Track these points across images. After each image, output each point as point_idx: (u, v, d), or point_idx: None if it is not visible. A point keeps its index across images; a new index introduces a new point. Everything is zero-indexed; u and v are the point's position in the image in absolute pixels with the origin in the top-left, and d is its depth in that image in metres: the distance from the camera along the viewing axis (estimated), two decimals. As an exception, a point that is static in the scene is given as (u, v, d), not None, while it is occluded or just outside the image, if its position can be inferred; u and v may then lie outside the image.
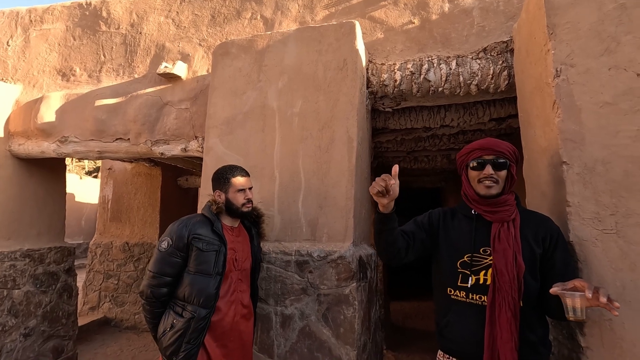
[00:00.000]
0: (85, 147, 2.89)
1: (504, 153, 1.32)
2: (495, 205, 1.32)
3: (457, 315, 1.30)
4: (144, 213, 5.19)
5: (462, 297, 1.30)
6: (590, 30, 1.48)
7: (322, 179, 1.99)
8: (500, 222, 1.29)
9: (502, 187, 1.33)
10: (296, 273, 1.90)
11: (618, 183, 1.38)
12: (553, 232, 1.30)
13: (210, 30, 2.83)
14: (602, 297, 1.02)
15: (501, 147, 1.33)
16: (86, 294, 5.19)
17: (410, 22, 2.46)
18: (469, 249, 1.32)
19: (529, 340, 1.22)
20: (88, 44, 3.10)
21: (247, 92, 2.23)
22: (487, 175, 1.31)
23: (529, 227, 1.30)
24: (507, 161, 1.33)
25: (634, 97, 1.40)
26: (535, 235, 1.29)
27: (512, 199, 1.33)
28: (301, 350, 1.83)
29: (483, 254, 1.30)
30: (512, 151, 1.35)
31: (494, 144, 1.34)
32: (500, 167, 1.32)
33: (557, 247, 1.27)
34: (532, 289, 1.25)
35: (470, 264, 1.31)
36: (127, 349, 4.25)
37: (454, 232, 1.39)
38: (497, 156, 1.32)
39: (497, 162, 1.32)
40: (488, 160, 1.33)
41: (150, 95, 2.78)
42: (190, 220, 1.70)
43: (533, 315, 1.26)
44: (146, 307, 1.64)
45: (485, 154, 1.34)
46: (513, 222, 1.29)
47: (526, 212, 1.36)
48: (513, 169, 1.34)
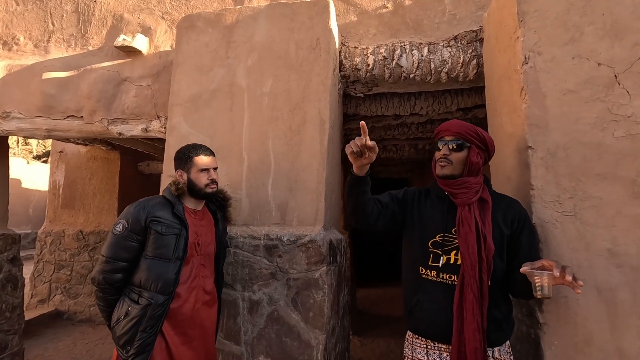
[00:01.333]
0: (31, 124, 2.63)
1: (461, 134, 1.32)
2: (453, 186, 1.32)
3: (428, 294, 1.31)
4: (101, 199, 4.87)
5: (433, 276, 1.31)
6: (557, 19, 1.53)
7: (292, 162, 1.94)
8: (462, 205, 1.30)
9: (457, 168, 1.32)
10: (265, 257, 1.85)
11: (577, 168, 1.44)
12: (521, 215, 1.33)
13: (174, 3, 2.65)
14: (567, 276, 1.07)
15: (460, 128, 1.32)
16: (34, 286, 4.82)
17: (383, 6, 2.43)
18: (440, 229, 1.33)
19: (494, 317, 1.26)
20: (34, 10, 2.80)
21: (214, 69, 2.11)
22: (441, 155, 1.34)
23: (499, 209, 1.32)
24: (464, 143, 1.32)
25: (594, 86, 1.46)
26: (504, 217, 1.31)
27: (472, 181, 1.32)
28: (269, 336, 1.79)
29: (454, 234, 1.31)
30: (473, 133, 1.32)
31: (453, 125, 1.34)
32: (456, 149, 1.32)
33: (524, 230, 1.31)
34: (498, 269, 1.28)
35: (441, 243, 1.32)
36: (81, 342, 4.00)
37: (426, 212, 1.40)
38: (455, 137, 1.33)
39: (452, 143, 1.32)
40: (447, 140, 1.34)
41: (106, 69, 2.57)
42: (149, 202, 1.59)
43: (499, 293, 1.30)
44: (99, 295, 1.53)
45: (445, 134, 1.35)
46: (482, 204, 1.30)
47: (496, 196, 1.39)
48: (474, 152, 1.32)
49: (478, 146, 1.33)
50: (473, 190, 1.31)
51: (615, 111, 1.43)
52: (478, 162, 1.32)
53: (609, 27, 1.46)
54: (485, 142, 1.34)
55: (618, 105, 1.43)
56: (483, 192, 1.33)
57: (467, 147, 1.32)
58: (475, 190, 1.31)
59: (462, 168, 1.32)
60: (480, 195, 1.31)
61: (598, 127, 1.44)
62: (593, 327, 1.36)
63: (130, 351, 1.45)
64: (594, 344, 1.35)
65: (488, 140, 1.36)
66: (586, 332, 1.36)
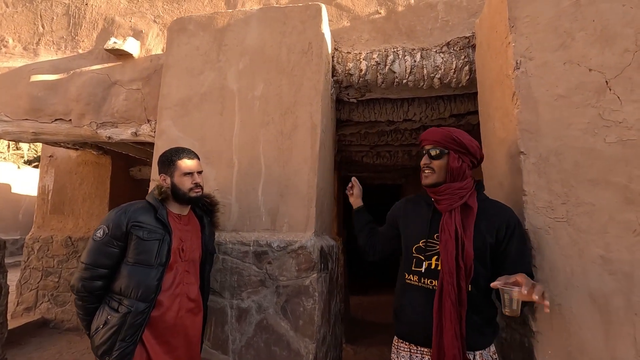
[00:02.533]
0: (18, 127, 2.58)
1: (438, 142, 1.34)
2: (436, 193, 1.34)
3: (409, 299, 1.33)
4: (91, 205, 4.78)
5: (415, 281, 1.33)
6: (548, 25, 1.53)
7: (283, 166, 1.91)
8: (444, 210, 1.31)
9: (441, 175, 1.33)
10: (254, 264, 1.80)
11: (569, 173, 1.43)
12: (510, 223, 1.29)
13: (166, 7, 2.63)
14: (534, 295, 1.05)
15: (437, 136, 1.34)
16: (21, 294, 4.69)
17: (376, 12, 2.44)
18: (424, 235, 1.34)
19: (474, 322, 1.25)
20: (24, 12, 2.76)
21: (204, 72, 2.08)
22: (423, 164, 1.37)
23: (484, 217, 1.30)
24: (443, 150, 1.33)
25: (585, 92, 1.46)
26: (489, 225, 1.28)
27: (455, 187, 1.31)
28: (258, 345, 1.74)
29: (436, 240, 1.31)
30: (450, 139, 1.33)
31: (432, 133, 1.37)
32: (435, 157, 1.34)
33: (513, 238, 1.28)
34: (480, 276, 1.27)
35: (424, 249, 1.33)
36: (67, 352, 3.89)
37: (413, 218, 1.42)
38: (433, 145, 1.35)
39: (431, 151, 1.35)
40: (427, 149, 1.37)
41: (96, 72, 2.54)
42: (131, 206, 1.55)
43: (481, 299, 1.29)
44: (78, 303, 1.47)
45: (426, 143, 1.38)
46: (466, 210, 1.29)
47: (486, 202, 1.36)
48: (453, 158, 1.32)
49: (457, 150, 1.33)
50: (457, 196, 1.30)
51: (606, 117, 1.42)
52: (458, 166, 1.32)
53: (600, 33, 1.47)
54: (464, 145, 1.34)
55: (609, 111, 1.42)
56: (470, 197, 1.31)
57: (446, 153, 1.34)
58: (459, 195, 1.30)
59: (445, 174, 1.33)
60: (466, 201, 1.30)
61: (590, 132, 1.43)
62: (587, 335, 1.33)
63: None
64: (587, 353, 1.32)
65: (467, 143, 1.34)
66: (580, 341, 1.34)
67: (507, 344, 1.60)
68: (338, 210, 4.59)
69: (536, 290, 1.06)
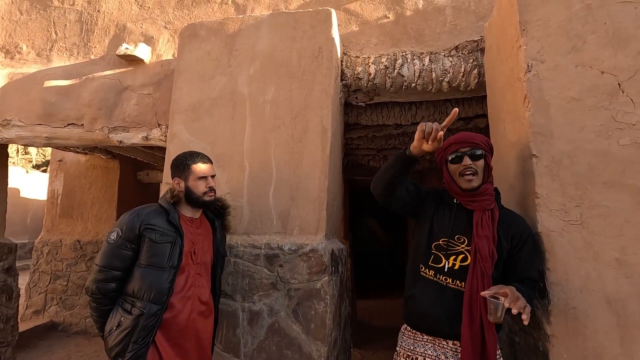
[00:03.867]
0: (31, 132, 2.62)
1: (478, 144, 1.37)
2: (474, 196, 1.36)
3: (422, 289, 1.38)
4: (99, 209, 4.82)
5: (431, 275, 1.37)
6: (559, 28, 1.53)
7: (294, 170, 1.92)
8: (481, 210, 1.34)
9: (480, 177, 1.36)
10: (265, 267, 1.81)
11: (583, 176, 1.43)
12: (523, 233, 1.35)
13: (177, 13, 2.67)
14: (514, 310, 1.13)
15: (476, 139, 1.38)
16: (30, 297, 4.73)
17: (385, 16, 2.45)
18: (445, 234, 1.37)
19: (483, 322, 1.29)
20: (37, 19, 2.82)
21: (216, 77, 2.11)
22: (466, 167, 1.35)
23: (503, 223, 1.35)
24: (483, 151, 1.37)
25: (598, 94, 1.46)
26: (506, 232, 1.34)
27: (491, 188, 1.38)
28: (269, 348, 1.74)
29: (457, 241, 1.35)
30: (486, 142, 1.40)
31: (469, 136, 1.39)
32: (477, 157, 1.36)
33: (524, 246, 1.34)
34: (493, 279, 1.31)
35: (445, 247, 1.36)
36: (75, 355, 3.91)
37: (438, 215, 1.44)
38: (472, 147, 1.36)
39: (473, 153, 1.36)
40: (465, 152, 1.37)
41: (108, 78, 2.57)
42: (144, 210, 1.56)
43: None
44: (92, 305, 1.49)
45: (461, 147, 1.38)
46: (492, 212, 1.34)
47: (504, 210, 1.42)
48: (489, 159, 1.38)
49: (489, 152, 1.40)
50: (491, 199, 1.37)
51: (619, 119, 1.42)
52: (492, 167, 1.39)
53: (612, 35, 1.47)
54: (492, 147, 1.41)
55: (622, 113, 1.42)
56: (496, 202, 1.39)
57: (484, 155, 1.37)
58: (492, 198, 1.37)
59: (483, 176, 1.37)
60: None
61: (603, 135, 1.43)
62: (603, 340, 1.32)
63: None
64: (604, 357, 1.31)
65: (491, 144, 1.42)
66: (596, 345, 1.33)
67: (520, 348, 1.59)
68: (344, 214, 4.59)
69: (517, 306, 1.13)
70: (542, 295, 1.42)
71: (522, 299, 1.16)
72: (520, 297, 1.16)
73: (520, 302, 1.15)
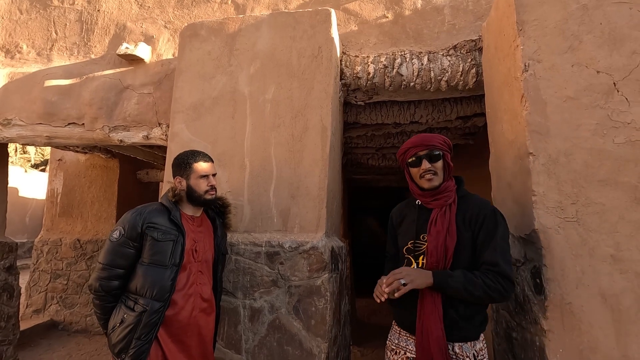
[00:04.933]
0: (32, 131, 2.63)
1: (435, 145, 1.41)
2: (435, 195, 1.41)
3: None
4: (99, 208, 4.84)
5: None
6: (556, 28, 1.55)
7: (294, 168, 1.94)
8: (439, 207, 1.39)
9: (441, 177, 1.41)
10: (266, 265, 1.83)
11: (579, 173, 1.45)
12: (479, 215, 1.36)
13: (177, 12, 2.68)
14: (383, 287, 1.25)
15: (432, 140, 1.41)
16: (30, 296, 4.74)
17: (384, 16, 2.47)
18: (412, 237, 1.44)
19: (449, 316, 1.31)
20: (37, 19, 2.82)
21: (216, 77, 2.12)
22: (425, 170, 1.40)
23: (461, 210, 1.39)
24: (441, 152, 1.41)
25: (593, 93, 1.48)
26: (464, 218, 1.37)
27: (451, 185, 1.42)
28: (270, 345, 1.77)
29: (422, 240, 1.41)
30: (443, 141, 1.43)
31: (426, 139, 1.42)
32: (435, 159, 1.40)
33: (481, 229, 1.34)
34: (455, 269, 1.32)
35: (412, 250, 1.42)
36: (76, 353, 3.93)
37: (404, 222, 1.52)
38: (430, 150, 1.40)
39: (431, 154, 1.40)
40: (423, 155, 1.41)
41: (108, 77, 2.58)
42: (146, 208, 1.58)
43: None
44: (95, 302, 1.51)
45: (419, 150, 1.42)
46: (449, 206, 1.39)
47: (464, 197, 1.44)
48: (448, 158, 1.42)
49: (447, 150, 1.43)
50: (451, 195, 1.41)
51: (615, 118, 1.44)
52: (452, 165, 1.43)
53: (607, 35, 1.49)
54: (449, 144, 1.45)
55: (618, 112, 1.44)
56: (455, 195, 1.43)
57: (442, 155, 1.41)
58: (452, 194, 1.41)
59: (443, 175, 1.42)
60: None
61: (599, 133, 1.45)
62: (598, 334, 1.35)
63: (125, 359, 1.42)
64: (599, 351, 1.34)
65: (450, 142, 1.45)
66: (591, 339, 1.35)
67: (518, 343, 1.62)
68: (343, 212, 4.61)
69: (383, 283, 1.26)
70: (539, 291, 1.45)
71: (390, 277, 1.26)
72: (391, 276, 1.27)
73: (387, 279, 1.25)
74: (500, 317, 1.80)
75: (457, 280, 1.26)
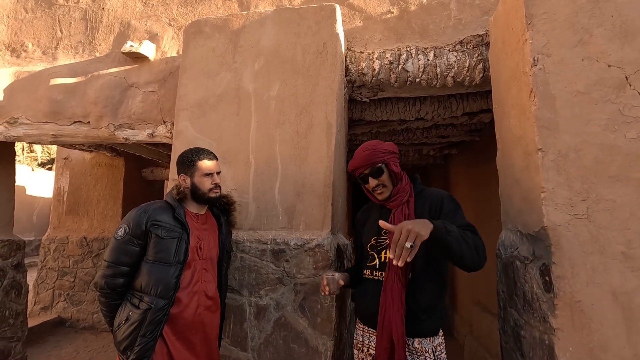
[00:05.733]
0: (38, 130, 2.64)
1: (375, 162, 1.45)
2: (390, 200, 1.49)
3: (363, 289, 1.51)
4: (105, 206, 4.87)
5: (368, 274, 1.49)
6: (565, 21, 1.52)
7: (299, 166, 1.93)
8: (397, 206, 1.46)
9: (390, 186, 1.48)
10: (272, 262, 1.83)
11: (589, 169, 1.42)
12: (438, 198, 1.45)
13: (181, 10, 2.68)
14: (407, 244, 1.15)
15: (371, 158, 1.46)
16: (37, 293, 4.80)
17: (389, 11, 2.45)
18: (375, 233, 1.50)
19: (410, 308, 1.35)
20: (42, 17, 2.83)
21: (220, 74, 2.11)
22: (373, 187, 1.47)
23: (420, 204, 1.47)
24: (383, 163, 1.45)
25: (604, 87, 1.45)
26: (423, 209, 1.45)
27: (404, 186, 1.48)
28: (276, 342, 1.76)
29: (384, 236, 1.47)
30: (382, 151, 1.46)
31: (364, 158, 1.46)
32: (379, 173, 1.46)
33: (442, 208, 1.43)
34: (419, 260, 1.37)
35: (375, 245, 1.49)
36: (83, 350, 3.97)
37: (366, 222, 1.60)
38: (371, 167, 1.45)
39: (373, 171, 1.46)
40: (367, 174, 1.47)
41: (113, 75, 2.59)
42: (150, 206, 1.58)
43: (418, 285, 1.39)
44: (101, 300, 1.52)
45: (362, 170, 1.48)
46: (407, 203, 1.45)
47: (421, 192, 1.51)
48: (392, 165, 1.46)
49: (390, 158, 1.47)
50: (405, 193, 1.48)
51: (626, 113, 1.41)
52: (398, 169, 1.48)
53: (618, 28, 1.46)
54: (389, 150, 1.48)
55: (629, 107, 1.41)
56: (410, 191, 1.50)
57: (384, 166, 1.46)
58: (407, 192, 1.48)
59: (391, 182, 1.49)
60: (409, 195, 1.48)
61: (610, 128, 1.42)
62: (609, 333, 1.33)
63: (131, 356, 1.43)
64: (610, 350, 1.32)
65: (389, 147, 1.49)
66: (602, 338, 1.33)
67: (526, 341, 1.60)
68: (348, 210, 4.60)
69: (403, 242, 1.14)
70: (547, 289, 1.43)
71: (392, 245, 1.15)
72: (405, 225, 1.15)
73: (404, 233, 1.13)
74: (507, 315, 1.79)
75: (453, 227, 1.28)
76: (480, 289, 3.71)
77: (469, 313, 4.02)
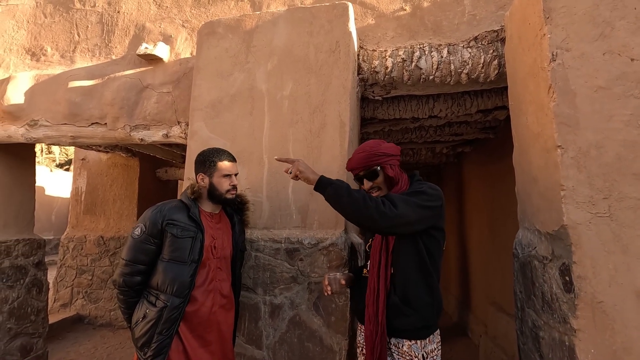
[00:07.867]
0: (57, 131, 2.71)
1: (369, 165, 1.44)
2: None
3: (358, 287, 1.53)
4: (121, 206, 4.97)
5: (365, 273, 1.51)
6: (585, 14, 1.48)
7: (313, 164, 1.93)
8: None
9: (385, 188, 1.47)
10: (286, 261, 1.83)
11: (611, 167, 1.39)
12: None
13: (194, 11, 2.71)
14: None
15: (364, 161, 1.44)
16: (57, 291, 4.93)
17: (401, 8, 2.43)
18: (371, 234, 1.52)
19: (392, 302, 1.36)
20: (61, 22, 2.90)
21: (234, 74, 2.13)
22: (368, 189, 1.47)
23: None
24: (377, 166, 1.44)
25: (627, 82, 1.41)
26: None
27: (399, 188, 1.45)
28: (291, 340, 1.77)
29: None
30: (376, 154, 1.43)
31: (358, 161, 1.46)
32: (373, 176, 1.45)
33: None
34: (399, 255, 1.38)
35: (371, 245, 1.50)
36: (101, 347, 4.06)
37: None
38: (366, 170, 1.45)
39: (368, 174, 1.45)
40: (362, 176, 1.47)
41: (129, 77, 2.63)
42: (166, 205, 1.61)
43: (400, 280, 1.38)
44: (120, 297, 1.56)
45: (357, 171, 1.48)
46: None
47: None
48: (387, 168, 1.44)
49: (386, 160, 1.44)
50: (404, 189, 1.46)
51: (650, 108, 1.37)
52: (395, 173, 1.45)
53: (642, 21, 1.41)
54: (387, 153, 1.45)
55: (654, 102, 1.37)
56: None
57: (379, 169, 1.44)
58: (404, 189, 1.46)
59: (387, 185, 1.47)
60: None
61: (633, 124, 1.38)
62: (633, 334, 1.29)
63: (148, 353, 1.46)
64: (634, 352, 1.28)
65: (386, 149, 1.46)
66: (625, 340, 1.29)
67: (545, 342, 1.57)
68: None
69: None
70: (568, 289, 1.40)
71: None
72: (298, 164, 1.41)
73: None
74: (525, 316, 1.75)
75: (342, 185, 1.33)
76: (495, 289, 3.65)
77: (484, 313, 3.96)
